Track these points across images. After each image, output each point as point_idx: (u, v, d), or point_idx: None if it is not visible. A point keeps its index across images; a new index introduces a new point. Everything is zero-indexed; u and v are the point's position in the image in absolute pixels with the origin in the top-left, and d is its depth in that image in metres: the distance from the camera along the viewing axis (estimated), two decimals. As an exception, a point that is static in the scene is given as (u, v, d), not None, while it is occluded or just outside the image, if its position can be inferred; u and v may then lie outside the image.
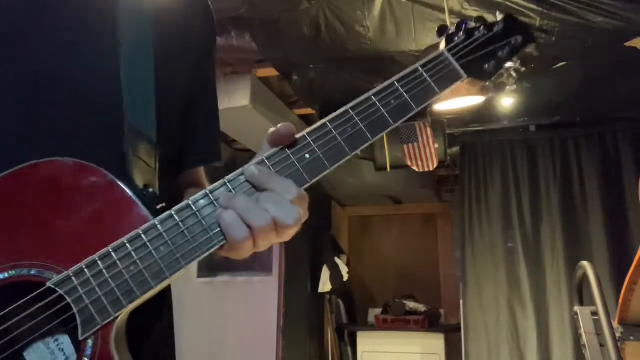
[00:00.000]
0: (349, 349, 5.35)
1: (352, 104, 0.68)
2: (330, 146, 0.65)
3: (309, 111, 3.94)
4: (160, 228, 0.60)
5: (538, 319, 3.84)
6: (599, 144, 3.96)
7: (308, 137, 0.65)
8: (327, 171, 0.65)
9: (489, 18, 0.79)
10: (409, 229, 6.08)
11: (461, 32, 0.77)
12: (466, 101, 2.89)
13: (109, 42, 0.75)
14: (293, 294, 4.38)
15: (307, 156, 0.64)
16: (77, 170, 0.63)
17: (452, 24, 2.62)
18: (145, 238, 0.60)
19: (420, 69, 0.72)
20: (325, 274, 4.97)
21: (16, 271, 0.59)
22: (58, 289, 0.58)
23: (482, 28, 0.78)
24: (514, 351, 3.86)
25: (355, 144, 0.66)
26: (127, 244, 0.60)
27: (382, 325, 5.06)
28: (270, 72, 3.38)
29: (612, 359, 1.56)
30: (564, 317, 3.75)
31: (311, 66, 3.18)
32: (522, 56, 0.77)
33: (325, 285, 4.96)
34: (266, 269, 3.95)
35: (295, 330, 4.45)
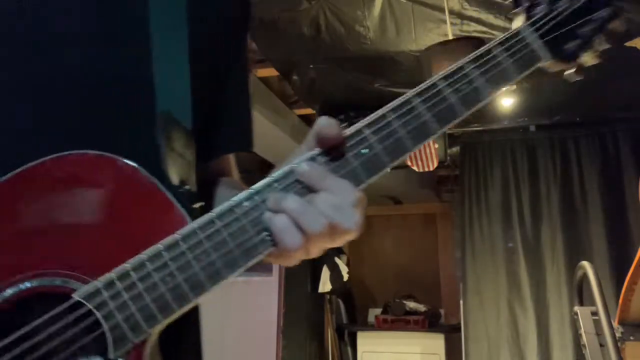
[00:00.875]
0: (349, 349, 5.35)
1: (415, 91, 0.58)
2: (391, 140, 0.57)
3: (309, 111, 3.94)
4: (201, 234, 0.53)
5: (538, 319, 3.83)
6: (599, 144, 3.95)
7: (364, 131, 0.56)
8: (386, 169, 0.57)
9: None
10: (409, 229, 6.08)
11: (543, 4, 0.65)
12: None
13: (135, 18, 0.65)
14: (293, 294, 4.38)
15: (364, 151, 0.56)
16: (104, 166, 0.55)
17: (452, 23, 2.63)
18: (183, 245, 0.53)
19: (496, 48, 0.61)
20: (325, 274, 4.97)
21: (39, 280, 0.52)
22: (87, 302, 0.51)
23: None
24: (514, 351, 3.85)
25: (419, 137, 0.57)
26: (164, 252, 0.52)
27: (382, 325, 5.05)
28: (270, 72, 3.39)
29: (612, 359, 1.56)
30: (564, 317, 3.75)
31: (311, 66, 3.18)
32: (607, 33, 0.66)
33: (325, 285, 4.96)
34: (266, 268, 3.95)
35: (295, 330, 4.45)
